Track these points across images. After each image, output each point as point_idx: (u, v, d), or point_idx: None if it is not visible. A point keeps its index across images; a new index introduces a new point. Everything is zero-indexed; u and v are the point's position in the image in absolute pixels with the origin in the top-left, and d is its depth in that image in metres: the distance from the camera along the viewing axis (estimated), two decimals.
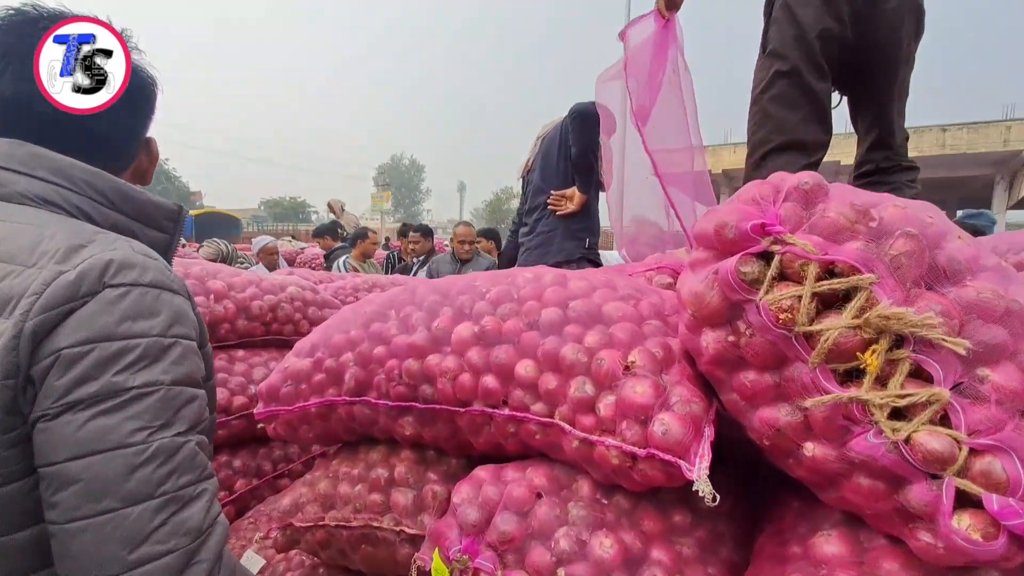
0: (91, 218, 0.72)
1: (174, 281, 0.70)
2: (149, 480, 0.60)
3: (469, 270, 3.84)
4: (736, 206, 0.62)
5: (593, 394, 0.74)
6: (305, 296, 2.08)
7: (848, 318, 0.54)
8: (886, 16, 1.53)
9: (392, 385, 0.97)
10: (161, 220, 0.80)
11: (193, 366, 0.68)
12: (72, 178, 0.70)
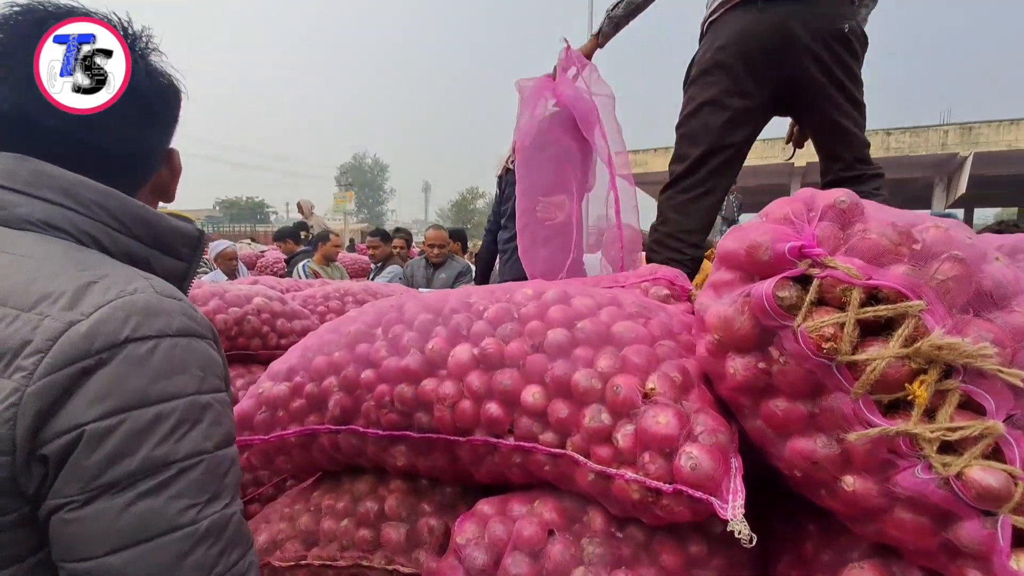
0: (102, 246, 0.62)
1: (201, 323, 0.61)
2: (202, 566, 0.52)
3: (442, 274, 3.75)
4: (768, 226, 0.58)
5: (610, 423, 0.69)
6: (273, 307, 1.96)
7: (896, 347, 0.51)
8: (792, 61, 1.59)
9: (383, 412, 0.89)
10: (179, 247, 0.70)
11: (230, 423, 0.61)
12: (81, 199, 0.61)
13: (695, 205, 1.80)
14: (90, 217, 0.61)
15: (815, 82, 1.62)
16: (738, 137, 1.74)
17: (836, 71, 1.62)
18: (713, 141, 1.73)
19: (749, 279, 0.61)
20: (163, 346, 0.54)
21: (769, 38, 1.61)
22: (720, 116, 1.71)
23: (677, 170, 1.84)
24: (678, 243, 1.81)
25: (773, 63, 1.64)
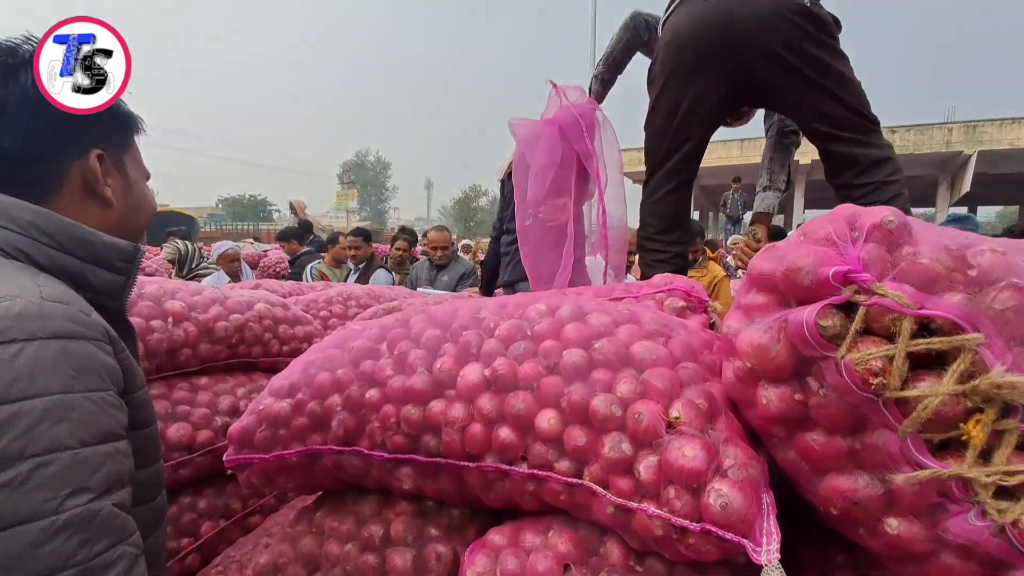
0: (35, 261, 0.67)
1: (88, 325, 0.64)
2: (60, 553, 0.54)
3: (445, 276, 3.71)
4: (809, 247, 0.54)
5: (631, 454, 0.65)
6: (275, 313, 1.92)
7: (951, 383, 0.46)
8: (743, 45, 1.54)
9: (388, 434, 0.85)
10: (115, 261, 0.75)
11: (108, 420, 0.62)
12: (15, 219, 0.67)
13: (663, 204, 1.84)
14: (24, 235, 0.66)
15: (780, 62, 1.54)
16: (694, 132, 1.74)
17: (806, 46, 1.52)
18: (671, 139, 1.75)
19: (785, 303, 0.57)
20: (30, 349, 0.57)
21: (716, 25, 1.57)
22: (673, 113, 1.72)
23: (646, 173, 1.91)
24: (656, 243, 1.87)
25: (723, 51, 1.59)
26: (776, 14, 1.50)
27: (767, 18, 1.51)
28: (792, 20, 1.50)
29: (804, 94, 1.56)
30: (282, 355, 1.96)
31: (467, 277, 3.67)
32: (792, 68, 1.54)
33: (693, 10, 1.63)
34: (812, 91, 1.55)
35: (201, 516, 1.51)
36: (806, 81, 1.54)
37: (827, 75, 1.54)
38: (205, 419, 1.53)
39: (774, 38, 1.52)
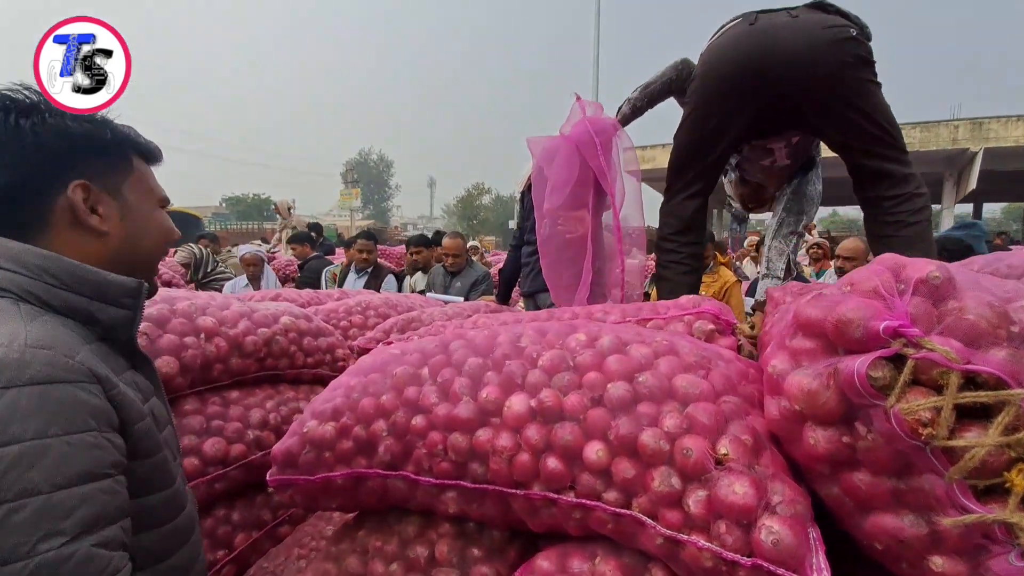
0: (44, 301, 0.71)
1: (69, 369, 0.65)
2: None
3: (458, 282, 3.74)
4: (859, 300, 0.57)
5: (680, 488, 0.68)
6: (299, 326, 1.96)
7: (995, 435, 0.49)
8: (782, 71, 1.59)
9: (435, 460, 0.89)
10: (120, 298, 0.77)
11: (87, 462, 0.63)
12: (25, 263, 0.71)
13: (681, 206, 1.91)
14: (34, 279, 0.70)
15: (823, 87, 1.59)
16: (717, 150, 1.81)
17: (848, 72, 1.57)
18: (695, 154, 1.83)
19: (832, 350, 0.60)
20: (7, 396, 0.59)
21: (759, 52, 1.61)
22: (701, 130, 1.79)
23: (668, 177, 1.97)
24: (672, 243, 1.93)
25: (763, 76, 1.63)
26: (821, 40, 1.55)
27: (813, 44, 1.55)
28: (837, 48, 1.55)
29: (843, 118, 1.61)
30: (307, 367, 2.00)
31: (480, 283, 3.70)
32: (835, 93, 1.58)
33: (740, 32, 1.67)
34: (851, 114, 1.59)
35: (235, 528, 1.55)
36: (848, 106, 1.59)
37: (866, 101, 1.59)
38: (238, 433, 1.57)
39: (818, 64, 1.55)
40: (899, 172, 1.64)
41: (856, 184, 1.71)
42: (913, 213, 1.61)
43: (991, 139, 15.36)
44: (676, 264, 1.88)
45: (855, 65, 1.58)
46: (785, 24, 1.61)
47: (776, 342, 0.70)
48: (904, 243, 1.60)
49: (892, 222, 1.62)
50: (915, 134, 15.99)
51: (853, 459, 0.59)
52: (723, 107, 1.73)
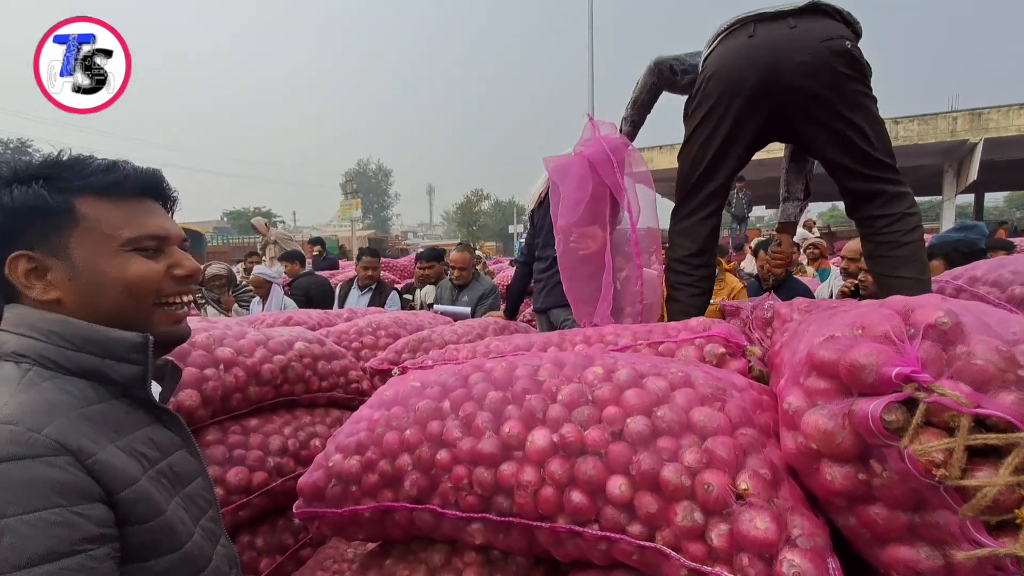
0: (57, 363, 0.72)
1: (30, 446, 0.63)
2: None
3: (464, 296, 3.77)
4: (870, 345, 0.59)
5: (702, 523, 0.71)
6: (313, 350, 1.99)
7: (1006, 475, 0.52)
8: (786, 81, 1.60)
9: (461, 495, 0.91)
10: (128, 354, 0.76)
11: (49, 541, 0.60)
12: (39, 328, 0.73)
13: (696, 229, 1.89)
14: (47, 343, 0.72)
15: (820, 101, 1.61)
16: (729, 164, 1.80)
17: (845, 85, 1.59)
18: (706, 169, 1.81)
19: (845, 390, 0.62)
20: None
21: (761, 63, 1.62)
22: (710, 145, 1.77)
23: (678, 197, 1.95)
24: (684, 266, 1.92)
25: (765, 88, 1.64)
26: (821, 55, 1.56)
27: (812, 59, 1.56)
28: (835, 61, 1.56)
29: (838, 133, 1.62)
30: (321, 390, 2.02)
31: (487, 297, 3.72)
32: (831, 107, 1.60)
33: (739, 46, 1.67)
34: (846, 130, 1.61)
35: (260, 553, 1.58)
36: (842, 121, 1.60)
37: (862, 115, 1.61)
38: (259, 461, 1.60)
39: (817, 77, 1.57)
40: (891, 191, 1.66)
41: (850, 204, 1.74)
42: (906, 233, 1.64)
43: (991, 129, 15.34)
44: (688, 287, 1.88)
45: (852, 78, 1.60)
46: (784, 36, 1.60)
47: (791, 377, 0.73)
48: (898, 263, 1.65)
49: (886, 242, 1.65)
50: (913, 127, 15.99)
51: (869, 494, 0.61)
52: (733, 118, 1.73)
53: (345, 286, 4.67)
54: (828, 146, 1.67)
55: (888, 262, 1.66)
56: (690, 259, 1.90)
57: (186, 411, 1.49)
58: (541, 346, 1.43)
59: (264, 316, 2.88)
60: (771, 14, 1.63)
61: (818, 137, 1.68)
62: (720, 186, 1.84)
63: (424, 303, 4.26)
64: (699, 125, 1.81)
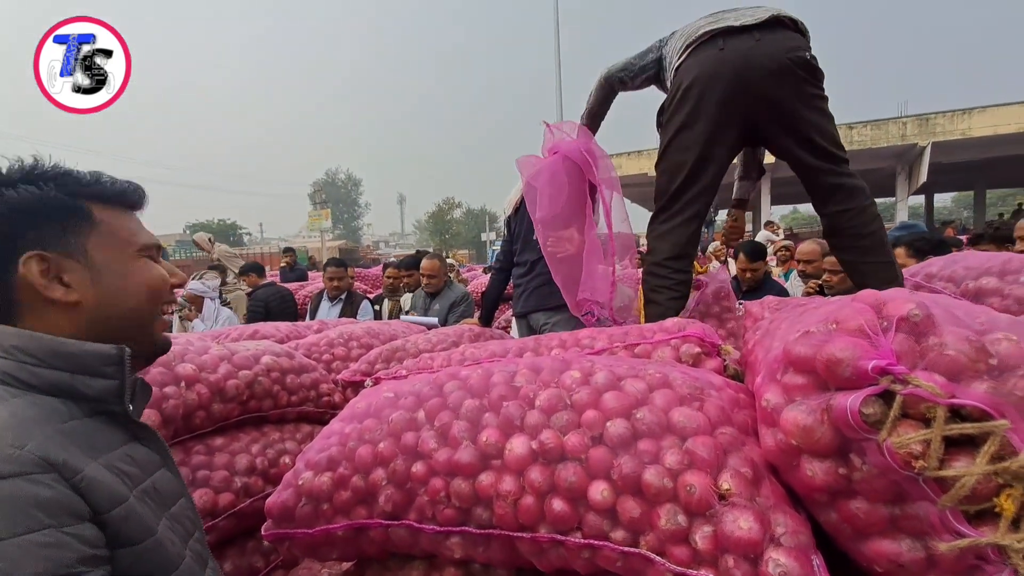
0: (22, 380, 0.68)
1: (12, 462, 0.59)
2: None
3: (436, 304, 3.72)
4: (845, 339, 0.60)
5: (686, 525, 0.70)
6: (281, 364, 1.92)
7: (983, 463, 0.52)
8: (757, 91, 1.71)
9: (438, 508, 0.88)
10: (102, 367, 0.72)
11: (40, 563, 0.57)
12: (2, 345, 0.69)
13: (675, 232, 1.93)
14: (9, 358, 0.68)
15: (785, 106, 1.73)
16: (708, 172, 1.86)
17: (805, 90, 1.73)
18: (686, 176, 1.86)
19: (822, 385, 0.62)
20: None
21: (732, 74, 1.72)
22: (690, 153, 1.84)
23: (659, 202, 1.99)
24: (664, 270, 1.94)
25: (738, 98, 1.74)
26: (785, 65, 1.68)
27: (778, 69, 1.68)
28: (797, 70, 1.69)
29: (801, 134, 1.75)
30: (291, 405, 1.96)
31: (458, 304, 3.69)
32: (795, 112, 1.73)
33: (710, 58, 1.76)
34: (809, 131, 1.74)
35: None
36: (806, 124, 1.73)
37: (820, 116, 1.75)
38: (225, 482, 1.53)
39: (783, 85, 1.70)
40: (850, 184, 1.79)
41: (817, 199, 1.84)
42: (868, 224, 1.78)
43: (938, 133, 16.15)
44: (667, 290, 1.91)
45: (811, 84, 1.74)
46: (751, 49, 1.71)
47: (767, 374, 0.73)
48: (865, 250, 1.78)
49: (852, 234, 1.78)
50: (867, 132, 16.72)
51: (850, 489, 0.61)
52: (710, 126, 1.80)
53: (316, 298, 4.57)
54: (795, 147, 1.77)
55: (857, 251, 1.79)
56: (670, 263, 1.93)
57: None
58: (517, 352, 1.41)
59: (229, 330, 2.77)
60: (737, 28, 1.74)
61: (786, 139, 1.78)
62: (701, 190, 1.88)
63: (404, 310, 4.19)
64: (678, 131, 1.86)
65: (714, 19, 1.81)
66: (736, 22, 1.73)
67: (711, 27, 1.78)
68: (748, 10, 1.77)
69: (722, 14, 1.82)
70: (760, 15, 1.72)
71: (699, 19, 1.89)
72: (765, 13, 1.72)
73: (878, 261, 1.76)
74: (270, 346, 1.99)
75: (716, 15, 1.83)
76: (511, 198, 2.56)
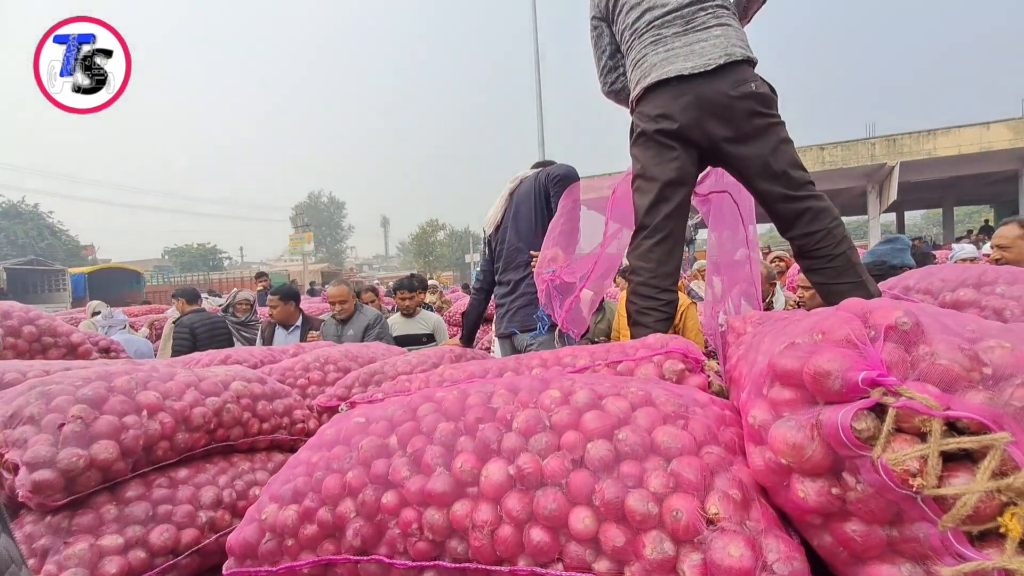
0: None
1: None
2: None
3: (349, 330, 3.66)
4: (833, 351, 0.56)
5: (673, 554, 0.65)
6: (252, 390, 1.83)
7: (984, 480, 0.49)
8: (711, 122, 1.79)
9: (411, 541, 0.82)
10: None
11: None
12: None
13: (656, 250, 1.94)
14: None
15: (743, 131, 1.80)
16: (680, 191, 1.91)
17: (755, 122, 1.79)
18: (659, 193, 1.90)
19: (810, 399, 0.59)
20: None
21: (688, 108, 1.80)
22: (662, 173, 1.88)
23: (637, 223, 2.00)
24: (651, 290, 1.93)
25: (696, 128, 1.82)
26: (733, 102, 1.76)
27: (726, 109, 1.77)
28: (744, 104, 1.76)
29: (758, 161, 1.80)
30: (262, 433, 1.87)
31: (372, 328, 3.65)
32: (748, 140, 1.79)
33: (669, 94, 1.83)
34: (767, 156, 1.79)
35: None
36: (763, 149, 1.78)
37: (776, 140, 1.80)
38: (189, 517, 1.43)
39: (733, 122, 1.78)
40: (815, 206, 1.82)
41: (781, 226, 1.87)
42: (836, 245, 1.79)
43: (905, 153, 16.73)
44: (655, 311, 1.90)
45: (761, 113, 1.80)
46: (701, 87, 1.78)
47: (752, 390, 0.70)
48: (837, 272, 1.80)
49: (821, 256, 1.80)
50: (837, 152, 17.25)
51: (844, 510, 0.57)
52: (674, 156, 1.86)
53: (269, 327, 4.32)
54: (756, 177, 1.82)
55: (828, 272, 1.80)
56: (656, 280, 1.93)
57: (102, 464, 1.33)
58: (497, 372, 1.36)
59: (199, 356, 2.67)
60: (687, 76, 1.80)
61: (747, 170, 1.83)
62: (675, 208, 1.90)
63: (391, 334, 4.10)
64: (649, 156, 1.90)
65: (664, 59, 1.85)
66: (686, 71, 1.79)
67: (665, 74, 1.83)
68: (694, 49, 1.81)
69: (671, 54, 1.85)
70: (707, 63, 1.77)
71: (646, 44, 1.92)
72: (714, 59, 1.77)
73: (851, 282, 1.77)
74: (241, 371, 1.91)
75: (667, 55, 1.86)
76: (491, 217, 2.53)
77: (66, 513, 1.29)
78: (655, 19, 1.90)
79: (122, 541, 1.28)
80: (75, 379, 1.49)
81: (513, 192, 2.48)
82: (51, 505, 1.26)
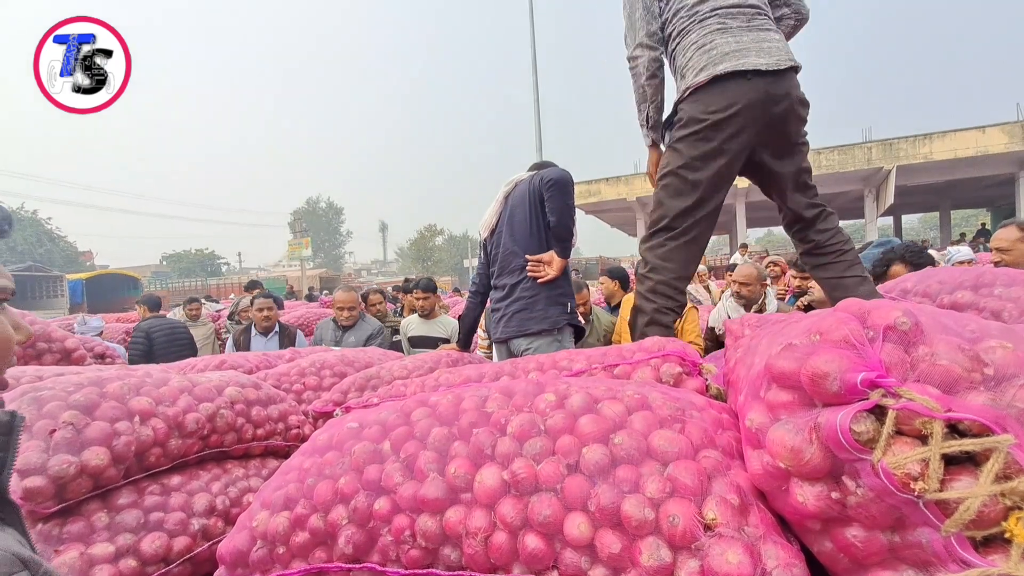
0: None
1: None
2: None
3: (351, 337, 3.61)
4: (831, 352, 0.55)
5: (670, 561, 0.64)
6: (247, 396, 1.82)
7: (987, 483, 0.48)
8: (773, 122, 1.82)
9: (403, 548, 0.81)
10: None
11: None
12: None
13: (683, 252, 1.91)
14: None
15: (789, 139, 1.86)
16: (717, 197, 1.90)
17: (802, 128, 1.88)
18: (700, 194, 1.87)
19: (808, 401, 0.58)
20: None
21: (754, 106, 1.79)
22: (706, 172, 1.85)
23: (662, 220, 1.93)
24: (671, 290, 1.90)
25: (759, 125, 1.82)
26: (793, 105, 1.81)
27: (787, 104, 1.80)
28: (799, 109, 1.83)
29: (796, 165, 1.89)
30: (257, 439, 1.85)
31: (373, 338, 3.61)
32: (794, 144, 1.87)
33: (737, 93, 1.79)
34: (802, 162, 1.89)
35: None
36: (800, 155, 1.89)
37: (805, 152, 1.91)
38: (181, 524, 1.41)
39: (787, 122, 1.82)
40: (825, 207, 1.93)
41: (803, 227, 1.93)
42: (845, 243, 1.91)
43: (902, 157, 16.79)
44: (672, 312, 1.89)
45: (804, 120, 1.87)
46: (771, 85, 1.77)
47: (750, 392, 0.68)
48: (847, 266, 1.90)
49: (833, 251, 1.89)
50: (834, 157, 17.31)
51: (844, 515, 0.56)
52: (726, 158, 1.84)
53: (243, 332, 4.18)
54: (789, 178, 1.89)
55: (838, 267, 1.89)
56: (677, 282, 1.91)
57: (93, 471, 1.31)
58: (493, 376, 1.35)
59: (195, 361, 2.65)
60: (763, 72, 1.77)
61: (784, 170, 1.89)
62: (711, 211, 1.91)
63: (406, 335, 4.06)
64: (700, 156, 1.85)
65: (736, 50, 1.79)
66: (762, 65, 1.76)
67: (737, 67, 1.77)
68: (763, 47, 1.80)
69: (742, 47, 1.80)
70: (779, 62, 1.77)
71: (711, 31, 1.84)
72: (783, 60, 1.78)
73: (859, 276, 1.87)
74: (235, 376, 1.89)
75: (738, 46, 1.80)
76: (486, 220, 2.51)
77: (56, 521, 1.27)
78: (720, 7, 1.85)
79: (113, 549, 1.26)
80: (67, 385, 1.47)
81: (508, 195, 2.46)
82: (42, 512, 1.24)
